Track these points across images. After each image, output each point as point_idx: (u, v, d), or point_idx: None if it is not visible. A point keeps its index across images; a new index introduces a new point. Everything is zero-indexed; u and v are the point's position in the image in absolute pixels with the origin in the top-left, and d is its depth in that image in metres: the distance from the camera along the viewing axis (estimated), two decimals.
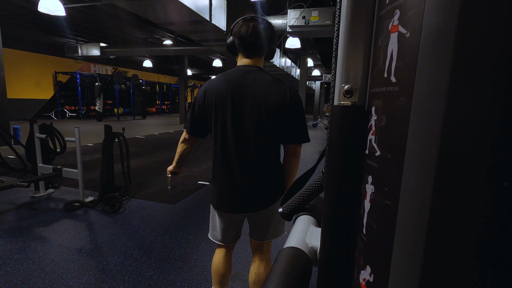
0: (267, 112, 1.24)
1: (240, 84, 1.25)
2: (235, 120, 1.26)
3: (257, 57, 1.31)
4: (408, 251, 0.38)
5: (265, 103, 1.23)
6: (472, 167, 0.34)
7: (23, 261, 2.13)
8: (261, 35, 1.26)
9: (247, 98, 1.25)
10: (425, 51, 0.35)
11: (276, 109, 1.24)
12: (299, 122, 1.30)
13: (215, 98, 1.27)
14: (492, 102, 0.32)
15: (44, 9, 4.98)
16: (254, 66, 1.30)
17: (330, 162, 0.56)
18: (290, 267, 0.65)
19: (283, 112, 1.25)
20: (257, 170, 1.30)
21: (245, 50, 1.29)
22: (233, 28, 1.30)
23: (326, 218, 0.58)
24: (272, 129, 1.27)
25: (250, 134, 1.26)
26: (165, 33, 9.83)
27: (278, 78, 1.31)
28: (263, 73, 1.29)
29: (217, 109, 1.27)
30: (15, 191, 3.56)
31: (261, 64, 1.35)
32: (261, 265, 1.46)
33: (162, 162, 5.62)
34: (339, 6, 0.54)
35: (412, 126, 0.37)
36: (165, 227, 2.79)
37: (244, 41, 1.27)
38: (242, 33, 1.26)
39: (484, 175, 0.33)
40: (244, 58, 1.31)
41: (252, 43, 1.26)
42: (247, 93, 1.25)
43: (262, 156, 1.29)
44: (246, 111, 1.25)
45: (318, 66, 15.87)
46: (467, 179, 0.34)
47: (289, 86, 1.30)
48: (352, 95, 0.52)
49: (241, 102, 1.25)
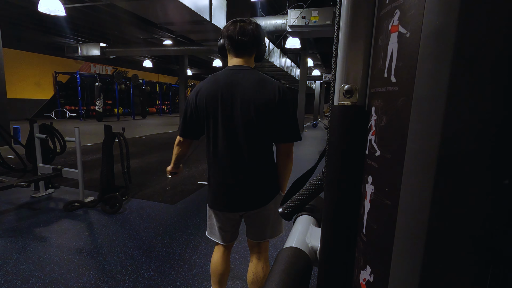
0: (256, 111, 1.24)
1: (230, 84, 1.27)
2: (226, 120, 1.27)
3: (246, 56, 1.32)
4: (408, 251, 0.38)
5: (254, 102, 1.24)
6: (472, 167, 0.34)
7: (23, 261, 2.13)
8: (249, 34, 1.28)
9: (236, 98, 1.26)
10: (425, 51, 0.35)
11: (266, 108, 1.24)
12: (289, 120, 1.29)
13: (205, 100, 1.28)
14: (492, 101, 0.32)
15: (44, 9, 4.98)
16: (244, 66, 1.31)
17: (330, 162, 0.56)
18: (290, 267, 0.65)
19: (272, 111, 1.25)
20: (250, 170, 1.31)
21: (234, 49, 1.31)
22: (223, 30, 1.33)
23: (326, 218, 0.58)
24: (262, 128, 1.27)
25: (241, 134, 1.27)
26: (165, 33, 9.83)
27: (267, 76, 1.31)
28: (252, 72, 1.29)
29: (209, 110, 1.29)
30: (15, 191, 3.56)
31: (251, 64, 1.35)
32: (259, 264, 1.46)
33: (162, 162, 5.62)
34: (339, 6, 0.54)
35: (412, 126, 0.37)
36: (165, 227, 2.79)
37: (232, 40, 1.28)
38: (230, 33, 1.28)
39: (484, 175, 0.33)
40: (234, 58, 1.32)
41: (240, 41, 1.28)
42: (237, 93, 1.26)
43: (254, 156, 1.29)
44: (236, 111, 1.26)
45: (318, 66, 15.87)
46: (467, 179, 0.34)
47: (279, 84, 1.29)
48: (352, 95, 0.52)
49: (231, 102, 1.26)
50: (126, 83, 16.70)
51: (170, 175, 1.61)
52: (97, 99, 13.81)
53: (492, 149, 0.33)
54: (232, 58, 1.33)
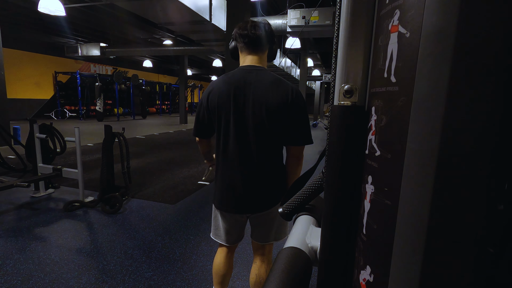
0: (268, 113, 1.22)
1: (242, 84, 1.25)
2: (237, 121, 1.25)
3: (259, 52, 1.30)
4: (408, 251, 0.38)
5: (266, 103, 1.22)
6: (472, 167, 0.34)
7: (23, 261, 2.13)
8: (261, 29, 1.27)
9: (248, 98, 1.24)
10: (425, 51, 0.35)
11: (277, 109, 1.22)
12: (301, 123, 1.28)
13: (217, 100, 1.27)
14: (492, 101, 0.32)
15: (44, 9, 4.98)
16: (257, 66, 1.29)
17: (330, 162, 0.56)
18: (290, 267, 0.65)
19: (284, 113, 1.23)
20: (259, 171, 1.29)
21: (247, 46, 1.29)
22: (234, 32, 1.32)
23: (326, 218, 0.58)
24: (273, 130, 1.25)
25: (251, 135, 1.25)
26: (165, 33, 9.83)
27: (281, 78, 1.30)
28: (265, 72, 1.27)
29: (220, 110, 1.27)
30: (15, 191, 3.56)
31: (264, 62, 1.33)
32: (262, 266, 1.45)
33: (162, 162, 5.62)
34: (339, 6, 0.54)
35: (412, 126, 0.37)
36: (165, 227, 2.79)
37: (245, 37, 1.27)
38: (242, 30, 1.28)
39: (484, 175, 0.33)
40: (247, 55, 1.30)
41: (254, 35, 1.26)
42: (249, 93, 1.24)
43: (263, 157, 1.28)
44: (247, 112, 1.24)
45: (318, 66, 15.87)
46: (468, 179, 0.34)
47: (292, 86, 1.27)
48: (352, 95, 0.52)
49: (243, 103, 1.24)
50: (126, 83, 16.71)
51: (211, 167, 1.69)
52: (97, 99, 13.81)
53: (493, 149, 0.33)
54: (245, 56, 1.31)
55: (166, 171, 4.91)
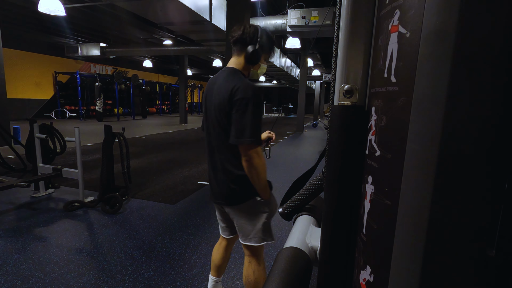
0: (216, 112, 1.29)
1: (212, 85, 1.35)
2: (206, 120, 1.39)
3: (235, 54, 1.36)
4: (408, 251, 0.38)
5: (215, 103, 1.30)
6: (471, 167, 0.34)
7: (23, 261, 2.13)
8: (237, 32, 1.31)
9: (211, 99, 1.33)
10: (425, 51, 0.35)
11: (220, 108, 1.27)
12: (239, 120, 1.20)
13: (203, 99, 1.43)
14: (491, 101, 0.32)
15: (44, 9, 4.98)
16: (229, 66, 1.35)
17: (330, 162, 0.56)
18: (290, 266, 0.65)
19: (223, 110, 1.25)
20: (220, 168, 1.36)
21: (232, 48, 1.37)
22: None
23: (326, 218, 0.58)
24: (222, 128, 1.28)
25: (212, 133, 1.36)
26: (165, 33, 9.83)
27: (236, 76, 1.28)
28: (227, 71, 1.32)
29: (204, 109, 1.42)
30: (15, 191, 3.56)
31: (239, 65, 1.33)
32: (249, 268, 1.46)
33: (162, 162, 5.62)
34: (339, 6, 0.54)
35: (412, 126, 0.37)
36: (165, 227, 2.79)
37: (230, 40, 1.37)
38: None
39: (483, 175, 0.33)
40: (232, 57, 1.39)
41: (230, 38, 1.34)
42: (213, 93, 1.32)
43: (222, 155, 1.33)
44: (210, 111, 1.34)
45: (318, 66, 15.86)
46: (467, 179, 0.34)
47: (238, 82, 1.23)
48: (352, 95, 0.52)
49: (210, 102, 1.34)
50: (126, 83, 16.69)
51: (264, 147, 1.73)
52: (97, 99, 13.80)
53: (492, 149, 0.33)
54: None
55: (166, 171, 4.91)
